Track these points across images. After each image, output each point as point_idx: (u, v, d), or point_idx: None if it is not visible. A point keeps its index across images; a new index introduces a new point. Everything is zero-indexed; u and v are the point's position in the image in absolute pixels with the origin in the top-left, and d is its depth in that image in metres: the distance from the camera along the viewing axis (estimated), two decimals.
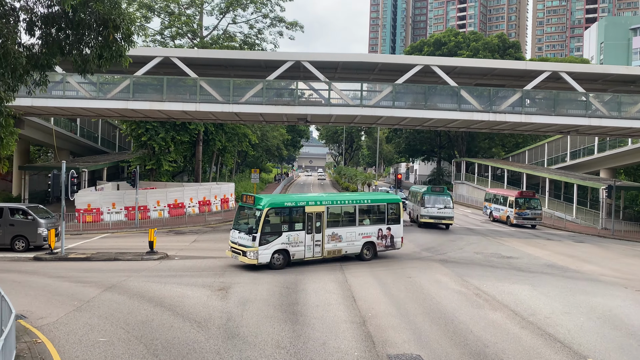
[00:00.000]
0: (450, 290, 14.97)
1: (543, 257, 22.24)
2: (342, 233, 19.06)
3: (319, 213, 18.50)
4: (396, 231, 20.51)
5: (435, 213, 31.46)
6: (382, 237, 20.03)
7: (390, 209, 20.71)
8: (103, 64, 10.91)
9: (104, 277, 15.96)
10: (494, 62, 29.56)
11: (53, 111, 29.50)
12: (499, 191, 41.67)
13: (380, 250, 20.10)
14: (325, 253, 18.56)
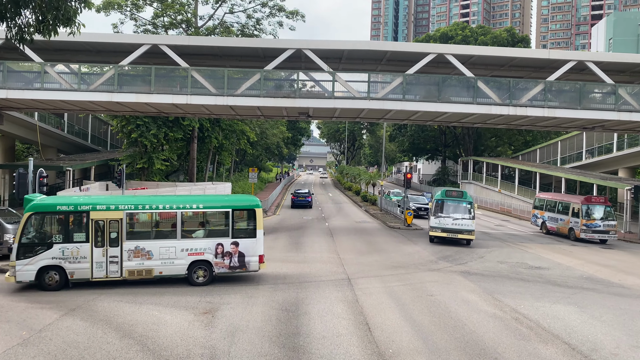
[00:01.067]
0: (483, 313, 12.44)
1: (575, 267, 19.71)
2: (153, 248, 14.55)
3: (114, 221, 14.28)
4: (248, 247, 15.02)
5: (449, 225, 24.10)
6: (224, 255, 14.91)
7: (238, 217, 15.50)
8: (45, 30, 8.38)
9: (70, 296, 13.45)
10: (515, 51, 27.01)
11: (31, 104, 27.01)
12: (555, 196, 33.58)
13: (223, 272, 14.95)
14: (125, 273, 14.39)
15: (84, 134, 45.42)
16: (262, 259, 15.35)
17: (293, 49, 24.88)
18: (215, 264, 14.97)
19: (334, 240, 25.19)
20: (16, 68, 26.03)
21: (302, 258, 19.90)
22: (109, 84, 24.90)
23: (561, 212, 31.24)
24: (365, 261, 19.53)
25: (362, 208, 45.33)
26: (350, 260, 19.65)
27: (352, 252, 21.53)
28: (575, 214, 29.52)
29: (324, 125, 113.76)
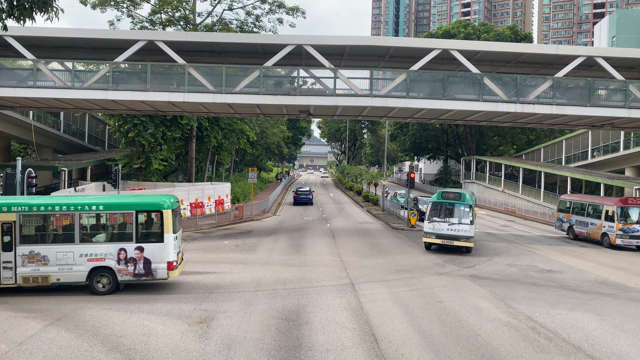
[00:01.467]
0: (497, 322, 11.65)
1: (588, 270, 18.91)
2: (49, 253, 13.40)
3: (7, 223, 13.23)
4: (155, 253, 13.74)
5: (445, 230, 21.28)
6: (128, 262, 13.68)
7: (143, 219, 14.24)
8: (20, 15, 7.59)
9: (58, 303, 12.69)
10: (522, 47, 26.23)
11: (24, 103, 26.22)
12: (584, 198, 30.42)
13: (127, 279, 13.75)
14: (19, 280, 13.27)
15: (81, 134, 44.67)
16: (172, 266, 13.87)
17: (293, 45, 24.08)
18: (118, 271, 13.70)
19: (335, 242, 24.42)
20: (8, 65, 25.28)
21: (303, 261, 19.12)
22: (104, 82, 24.12)
23: (592, 216, 27.82)
24: (369, 264, 18.75)
25: (363, 208, 44.56)
26: (353, 263, 18.87)
27: (354, 255, 20.76)
28: (609, 218, 26.12)
29: (324, 124, 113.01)
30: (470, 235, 21.12)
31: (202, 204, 33.89)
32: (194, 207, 32.92)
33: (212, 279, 15.64)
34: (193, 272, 16.65)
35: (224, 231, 28.14)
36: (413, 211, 30.78)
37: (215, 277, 15.91)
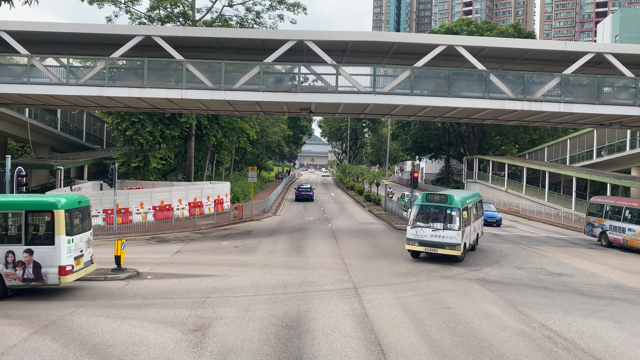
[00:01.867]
0: (510, 330, 10.98)
1: (600, 273, 18.24)
2: None
3: None
4: (45, 256, 12.78)
5: (428, 237, 18.87)
6: (17, 265, 12.77)
7: (33, 220, 13.30)
8: None
9: (45, 309, 12.04)
10: (530, 43, 25.49)
11: (18, 99, 25.58)
12: (620, 201, 27.41)
13: (16, 284, 12.90)
14: None
15: (79, 132, 44.02)
16: (64, 271, 12.86)
17: (294, 40, 23.40)
18: (6, 276, 12.75)
19: (337, 243, 23.76)
20: (2, 62, 24.61)
21: (304, 263, 18.47)
22: (100, 78, 23.45)
23: (630, 221, 25.08)
24: (372, 267, 18.09)
25: (365, 208, 43.89)
26: (355, 266, 18.22)
27: (357, 257, 20.10)
28: None
29: (325, 123, 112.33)
30: (457, 242, 18.42)
31: (201, 204, 33.24)
32: (193, 206, 32.28)
33: (208, 283, 14.98)
34: (189, 275, 16.02)
35: (223, 231, 27.49)
36: None
37: (212, 281, 15.25)
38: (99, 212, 27.48)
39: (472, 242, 21.54)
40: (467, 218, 20.06)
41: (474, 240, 22.10)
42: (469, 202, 21.15)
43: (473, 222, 21.39)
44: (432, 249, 18.92)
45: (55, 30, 23.89)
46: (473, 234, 21.51)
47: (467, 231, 19.84)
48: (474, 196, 23.82)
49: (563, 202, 43.94)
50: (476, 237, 22.59)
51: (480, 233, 23.89)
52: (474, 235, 21.68)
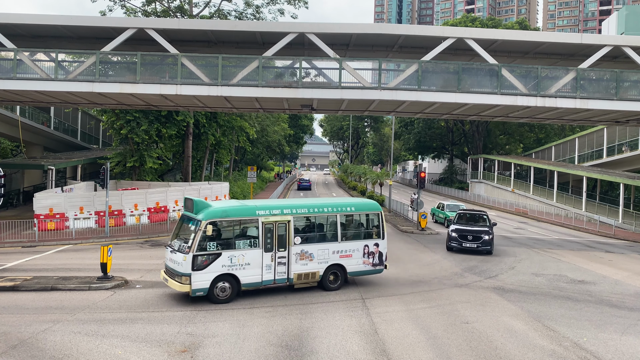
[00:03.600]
0: (539, 350, 9.72)
1: (624, 280, 16.97)
2: None
3: None
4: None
5: (167, 261, 13.34)
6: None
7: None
8: None
9: (18, 324, 10.79)
10: (544, 35, 24.19)
11: (4, 96, 24.38)
12: None
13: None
14: None
15: (74, 131, 42.80)
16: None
17: (295, 33, 22.15)
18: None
19: None
20: None
21: None
22: (90, 74, 22.21)
23: None
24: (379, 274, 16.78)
25: None
26: None
27: None
28: None
29: (326, 123, 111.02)
30: (183, 271, 12.28)
31: None
32: None
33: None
34: None
35: None
36: (423, 213, 28.82)
37: None
38: (90, 214, 26.23)
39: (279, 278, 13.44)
40: (230, 239, 13.08)
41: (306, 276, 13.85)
42: (263, 212, 13.34)
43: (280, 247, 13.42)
44: (170, 276, 12.90)
45: (44, 22, 22.64)
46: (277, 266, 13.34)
47: (225, 260, 12.57)
48: (289, 207, 14.04)
49: (573, 203, 42.64)
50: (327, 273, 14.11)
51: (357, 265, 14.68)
52: (282, 268, 13.37)
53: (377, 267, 14.97)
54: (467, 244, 21.36)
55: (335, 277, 14.26)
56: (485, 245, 21.19)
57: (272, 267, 13.35)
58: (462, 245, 21.44)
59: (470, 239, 21.37)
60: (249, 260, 12.98)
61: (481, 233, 21.60)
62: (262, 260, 13.18)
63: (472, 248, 21.28)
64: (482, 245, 21.19)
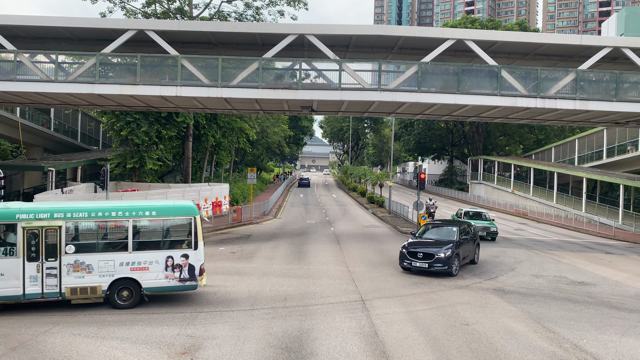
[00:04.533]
0: (539, 352, 9.72)
1: (625, 282, 16.96)
2: None
3: None
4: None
5: None
6: None
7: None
8: None
9: (19, 326, 10.78)
10: (543, 37, 24.22)
11: (4, 97, 24.34)
12: None
13: None
14: None
15: (74, 133, 42.80)
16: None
17: (295, 35, 22.18)
18: None
19: (341, 249, 22.49)
20: None
21: (306, 271, 17.19)
22: (90, 75, 22.23)
23: None
24: (380, 275, 16.81)
25: (369, 210, 42.60)
26: (361, 274, 16.94)
27: (363, 264, 18.82)
28: None
29: (326, 124, 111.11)
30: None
31: (198, 206, 31.91)
32: None
33: (202, 294, 13.72)
34: None
35: (220, 236, 26.24)
36: (423, 214, 28.80)
37: (206, 292, 13.98)
38: None
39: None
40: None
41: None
42: (26, 216, 11.76)
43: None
44: None
45: (44, 24, 22.66)
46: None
47: None
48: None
49: (572, 204, 42.65)
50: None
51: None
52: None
53: (186, 282, 12.43)
54: (417, 263, 16.69)
55: (130, 293, 12.19)
56: (440, 265, 16.34)
57: (39, 278, 11.65)
58: (411, 265, 16.83)
59: (421, 256, 16.66)
60: (3, 271, 11.52)
61: (438, 248, 16.74)
62: (23, 271, 11.55)
63: (423, 268, 16.58)
64: (435, 265, 16.38)
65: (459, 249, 17.30)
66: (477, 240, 19.75)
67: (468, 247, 18.39)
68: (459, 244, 17.39)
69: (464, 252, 17.81)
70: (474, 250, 19.14)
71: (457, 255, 16.98)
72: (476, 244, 19.51)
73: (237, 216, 31.32)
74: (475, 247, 19.35)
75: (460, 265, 17.52)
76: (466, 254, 18.20)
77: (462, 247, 17.60)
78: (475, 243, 19.39)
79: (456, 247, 17.09)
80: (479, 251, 19.72)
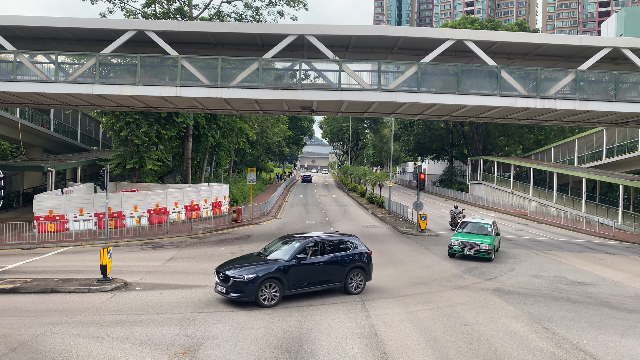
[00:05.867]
0: (539, 352, 9.73)
1: (624, 282, 16.97)
2: None
3: None
4: None
5: None
6: None
7: None
8: None
9: (17, 327, 10.78)
10: (543, 37, 24.25)
11: (4, 98, 24.36)
12: None
13: None
14: None
15: (73, 133, 42.82)
16: None
17: (295, 35, 22.20)
18: None
19: None
20: None
21: None
22: (90, 76, 22.24)
23: None
24: (379, 276, 16.78)
25: (368, 211, 42.61)
26: None
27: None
28: None
29: (326, 124, 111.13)
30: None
31: (198, 207, 31.98)
32: (189, 209, 31.03)
33: (201, 295, 13.73)
34: (181, 286, 14.75)
35: (220, 236, 26.24)
36: (423, 214, 28.83)
37: (205, 292, 13.99)
38: (90, 215, 26.26)
39: None
40: None
41: None
42: None
43: None
44: None
45: (43, 24, 22.67)
46: None
47: None
48: None
49: (572, 204, 42.67)
50: None
51: None
52: None
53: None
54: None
55: None
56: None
57: None
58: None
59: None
60: None
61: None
62: None
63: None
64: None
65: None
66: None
67: None
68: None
69: None
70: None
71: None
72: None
73: (236, 216, 31.34)
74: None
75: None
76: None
77: None
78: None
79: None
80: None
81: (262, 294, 12.54)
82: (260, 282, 12.44)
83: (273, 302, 12.61)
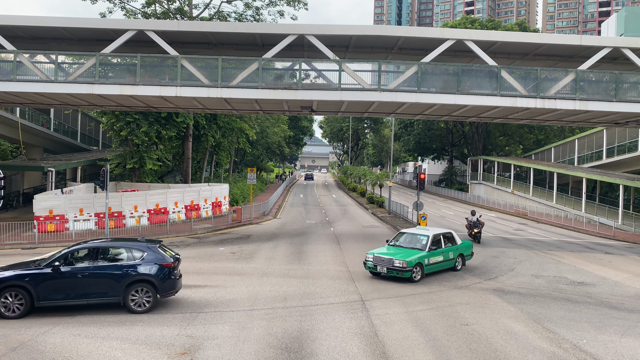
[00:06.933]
0: (539, 352, 9.72)
1: (624, 282, 16.96)
2: None
3: None
4: None
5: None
6: None
7: None
8: None
9: (17, 327, 10.78)
10: (543, 37, 24.23)
11: (4, 98, 24.35)
12: None
13: None
14: None
15: (73, 133, 42.82)
16: None
17: (295, 35, 22.19)
18: None
19: (341, 249, 22.50)
20: None
21: (306, 272, 17.20)
22: (90, 76, 22.23)
23: None
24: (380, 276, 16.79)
25: (368, 210, 42.61)
26: (361, 274, 16.95)
27: (362, 264, 18.78)
28: None
29: (326, 124, 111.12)
30: None
31: (198, 207, 31.98)
32: (189, 209, 31.02)
33: (202, 295, 13.73)
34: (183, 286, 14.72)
35: (220, 236, 26.24)
36: (423, 214, 28.79)
37: (206, 292, 14.00)
38: (90, 215, 26.26)
39: None
40: None
41: None
42: None
43: None
44: None
45: (44, 24, 22.66)
46: None
47: None
48: None
49: (572, 204, 42.67)
50: None
51: None
52: None
53: None
54: None
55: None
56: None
57: None
58: None
59: None
60: None
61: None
62: None
63: None
64: None
65: None
66: None
67: None
68: None
69: None
70: None
71: None
72: None
73: (236, 216, 31.34)
74: None
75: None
76: None
77: None
78: None
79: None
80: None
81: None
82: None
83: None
